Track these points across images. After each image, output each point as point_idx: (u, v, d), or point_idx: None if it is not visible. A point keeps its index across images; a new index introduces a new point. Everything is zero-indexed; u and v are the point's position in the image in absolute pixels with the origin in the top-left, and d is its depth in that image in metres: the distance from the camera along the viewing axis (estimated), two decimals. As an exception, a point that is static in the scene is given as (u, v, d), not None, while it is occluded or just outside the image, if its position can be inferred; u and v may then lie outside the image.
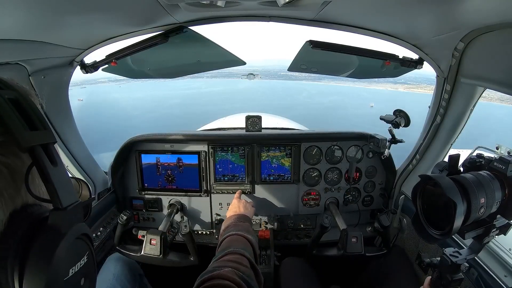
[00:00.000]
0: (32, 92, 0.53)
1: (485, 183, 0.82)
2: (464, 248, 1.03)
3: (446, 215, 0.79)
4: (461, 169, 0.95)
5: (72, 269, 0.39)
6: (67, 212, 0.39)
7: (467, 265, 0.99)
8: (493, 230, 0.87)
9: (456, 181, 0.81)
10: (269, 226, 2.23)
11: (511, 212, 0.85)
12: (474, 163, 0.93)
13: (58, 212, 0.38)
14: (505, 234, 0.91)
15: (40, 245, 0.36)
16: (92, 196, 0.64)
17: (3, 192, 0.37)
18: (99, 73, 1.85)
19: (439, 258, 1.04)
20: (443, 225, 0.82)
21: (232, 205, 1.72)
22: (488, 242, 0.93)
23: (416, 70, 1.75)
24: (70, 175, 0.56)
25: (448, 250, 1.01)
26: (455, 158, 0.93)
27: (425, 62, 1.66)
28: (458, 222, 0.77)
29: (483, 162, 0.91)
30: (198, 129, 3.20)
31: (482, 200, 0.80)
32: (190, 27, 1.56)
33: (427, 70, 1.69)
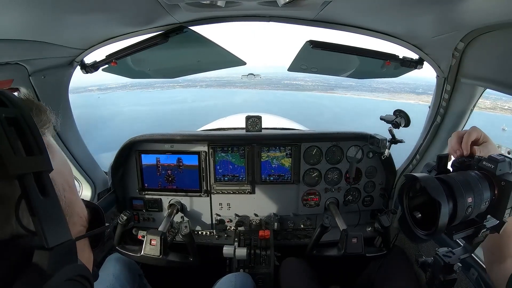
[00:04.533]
0: (43, 108, 0.48)
1: (472, 183, 0.80)
2: (458, 248, 1.01)
3: (432, 215, 0.77)
4: (451, 169, 0.93)
5: None
6: (53, 253, 0.35)
7: (460, 265, 0.97)
8: (483, 231, 0.85)
9: (442, 181, 0.80)
10: (269, 226, 2.23)
11: (501, 212, 0.82)
12: (463, 163, 0.91)
13: (42, 252, 0.35)
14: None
15: (20, 285, 0.33)
16: (106, 224, 0.55)
17: None
18: (89, 81, 1.83)
19: (432, 258, 1.03)
20: (429, 225, 0.80)
21: None
22: (479, 242, 0.90)
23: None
24: (83, 200, 0.52)
25: (441, 250, 0.99)
26: (443, 158, 0.91)
27: (425, 62, 1.66)
28: (443, 222, 0.75)
29: (472, 162, 0.89)
30: (198, 129, 3.20)
31: (470, 200, 0.78)
32: (190, 27, 1.56)
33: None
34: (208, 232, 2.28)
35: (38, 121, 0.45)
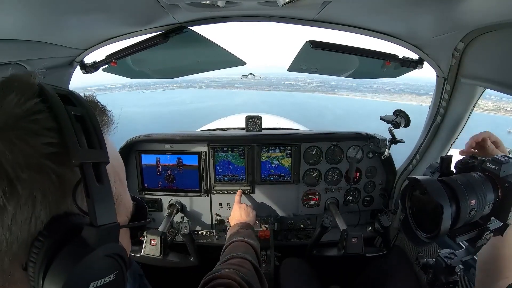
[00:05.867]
0: (105, 110, 0.54)
1: (475, 185, 0.79)
2: (461, 249, 1.00)
3: (435, 218, 0.76)
4: (454, 170, 0.92)
5: (94, 283, 0.40)
6: (100, 230, 0.40)
7: (461, 267, 0.96)
8: (486, 233, 0.84)
9: (444, 183, 0.79)
10: (269, 226, 2.23)
11: (505, 214, 0.81)
12: (466, 164, 0.89)
13: (91, 228, 0.40)
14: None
15: (67, 252, 0.38)
16: (148, 219, 0.63)
17: (49, 196, 0.39)
18: (88, 82, 1.84)
19: (434, 259, 1.02)
20: (432, 228, 0.79)
21: (234, 212, 1.80)
22: (482, 245, 0.89)
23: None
24: (131, 197, 0.58)
25: (444, 252, 0.99)
26: (446, 159, 0.90)
27: (425, 62, 1.66)
28: (445, 225, 0.74)
29: (475, 163, 0.88)
30: (198, 129, 3.19)
31: (473, 202, 0.77)
32: (190, 27, 1.56)
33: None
34: (208, 232, 2.28)
35: (100, 121, 0.50)
